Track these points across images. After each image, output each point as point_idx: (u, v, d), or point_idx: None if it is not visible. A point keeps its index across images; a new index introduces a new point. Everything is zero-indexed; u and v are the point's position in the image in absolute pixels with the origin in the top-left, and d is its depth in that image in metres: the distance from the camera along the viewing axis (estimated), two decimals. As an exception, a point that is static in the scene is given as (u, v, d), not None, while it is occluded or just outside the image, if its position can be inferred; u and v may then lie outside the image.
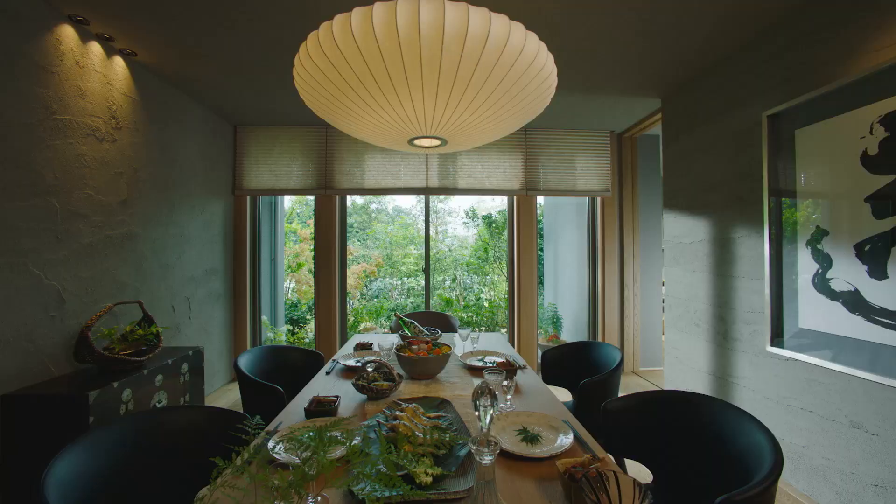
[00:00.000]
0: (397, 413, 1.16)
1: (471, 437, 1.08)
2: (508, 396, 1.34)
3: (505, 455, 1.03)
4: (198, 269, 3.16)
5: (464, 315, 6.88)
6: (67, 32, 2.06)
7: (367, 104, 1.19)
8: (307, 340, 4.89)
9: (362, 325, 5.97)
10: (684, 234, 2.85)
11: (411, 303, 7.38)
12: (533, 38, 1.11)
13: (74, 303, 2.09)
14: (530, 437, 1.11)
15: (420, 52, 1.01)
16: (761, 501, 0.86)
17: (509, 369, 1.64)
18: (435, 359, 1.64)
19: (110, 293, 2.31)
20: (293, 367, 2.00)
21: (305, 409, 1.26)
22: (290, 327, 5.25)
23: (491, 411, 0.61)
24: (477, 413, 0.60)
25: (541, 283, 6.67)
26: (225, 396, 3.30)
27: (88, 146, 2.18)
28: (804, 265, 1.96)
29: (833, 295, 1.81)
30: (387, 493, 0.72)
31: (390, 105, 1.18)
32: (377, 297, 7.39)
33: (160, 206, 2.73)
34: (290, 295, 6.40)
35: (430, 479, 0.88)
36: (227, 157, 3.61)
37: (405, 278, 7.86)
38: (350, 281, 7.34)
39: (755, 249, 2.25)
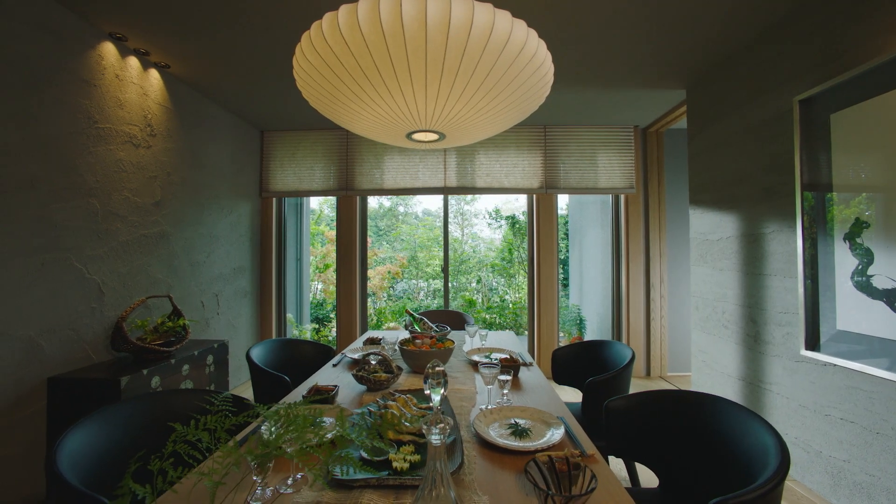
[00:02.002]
0: (389, 402, 1.18)
1: (457, 428, 1.07)
2: (505, 391, 1.32)
3: (489, 447, 1.02)
4: (226, 267, 3.34)
5: (487, 316, 6.83)
6: (108, 49, 2.26)
7: (361, 99, 1.22)
8: (330, 339, 5.03)
9: (385, 325, 6.07)
10: (711, 230, 2.69)
11: (436, 304, 7.42)
12: (521, 25, 1.09)
13: (112, 296, 2.27)
14: (520, 431, 1.08)
15: (405, 43, 1.03)
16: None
17: (512, 365, 1.61)
18: (437, 353, 1.64)
19: (145, 288, 2.49)
20: (304, 359, 2.07)
21: (304, 397, 1.30)
22: (316, 326, 5.42)
23: (442, 390, 0.60)
24: (428, 392, 0.60)
25: (566, 284, 6.52)
26: (250, 389, 3.45)
27: (126, 152, 2.37)
28: (842, 261, 1.79)
29: (875, 293, 1.65)
30: (357, 475, 0.73)
31: (382, 98, 1.20)
32: (401, 297, 7.50)
33: (191, 208, 2.91)
34: (318, 295, 6.63)
35: (406, 465, 0.88)
36: (254, 160, 3.80)
37: (431, 280, 7.92)
38: (375, 282, 7.49)
39: (787, 245, 2.09)
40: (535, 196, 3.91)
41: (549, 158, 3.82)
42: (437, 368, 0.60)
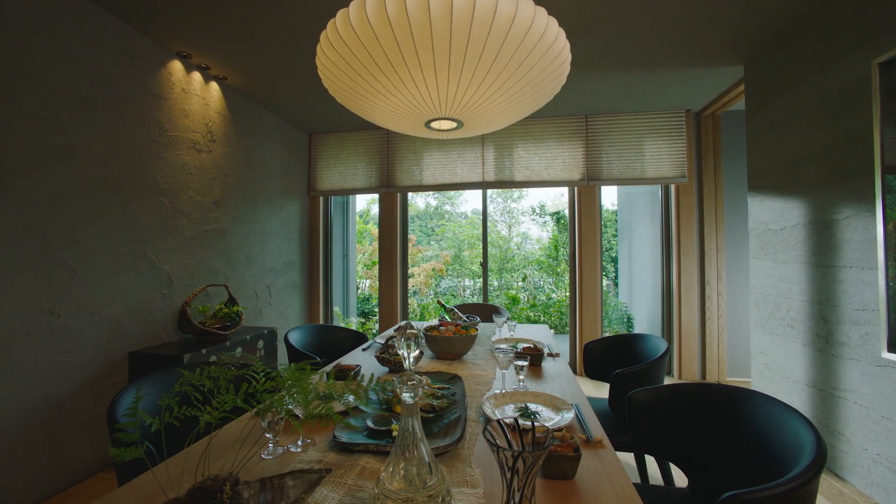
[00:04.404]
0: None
1: (464, 407, 1.08)
2: (520, 377, 1.31)
3: (493, 426, 1.02)
4: (277, 261, 3.62)
5: (531, 314, 6.71)
6: (176, 66, 2.56)
7: (376, 89, 1.28)
8: (374, 331, 5.23)
9: (429, 320, 6.19)
10: (773, 219, 2.42)
11: (480, 301, 7.42)
12: (527, 3, 1.08)
13: (179, 284, 2.57)
14: (528, 414, 1.07)
15: (411, 31, 1.06)
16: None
17: (533, 353, 1.58)
18: (458, 339, 1.66)
19: (206, 278, 2.78)
20: (338, 344, 2.20)
21: (327, 374, 1.38)
22: (362, 320, 5.67)
23: (416, 351, 0.62)
24: (401, 352, 0.62)
25: (617, 283, 6.19)
26: (300, 375, 3.70)
27: (190, 156, 2.66)
28: (934, 248, 1.53)
29: (977, 285, 1.39)
30: (358, 440, 0.77)
31: (395, 87, 1.25)
32: (445, 294, 7.61)
33: (245, 206, 3.20)
34: (365, 290, 6.95)
35: (406, 435, 0.91)
36: (302, 162, 4.08)
37: (477, 279, 7.95)
38: (420, 279, 7.67)
39: (866, 232, 1.82)
40: (576, 189, 3.77)
41: (592, 149, 3.67)
42: (410, 331, 0.62)
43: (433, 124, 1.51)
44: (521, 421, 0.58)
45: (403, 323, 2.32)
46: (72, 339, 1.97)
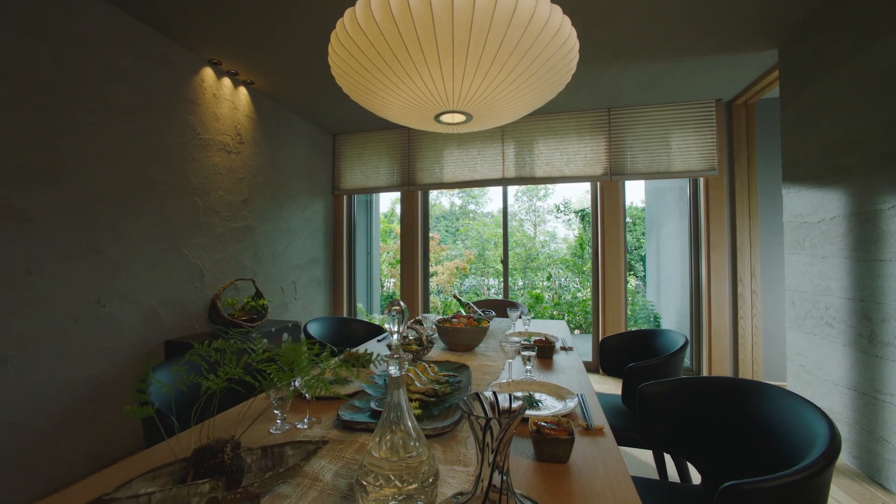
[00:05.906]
0: (410, 367, 1.25)
1: (468, 394, 1.10)
2: (528, 367, 1.30)
3: (493, 412, 1.03)
4: (302, 258, 3.75)
5: (555, 313, 6.61)
6: (208, 73, 2.72)
7: (384, 84, 1.31)
8: (396, 328, 5.32)
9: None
10: (810, 211, 2.27)
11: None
12: (530, -9, 1.08)
13: (210, 278, 2.72)
14: (531, 402, 1.07)
15: (414, 25, 1.09)
16: (787, 497, 0.68)
17: (544, 346, 1.57)
18: (469, 330, 1.67)
19: (235, 273, 2.93)
20: (355, 335, 2.26)
21: (340, 360, 1.43)
22: (385, 317, 5.78)
23: (402, 326, 0.64)
24: (387, 326, 0.65)
25: (644, 280, 6.00)
26: (324, 368, 3.82)
27: (220, 158, 2.82)
28: None
29: None
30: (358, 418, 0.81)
31: (402, 82, 1.28)
32: (468, 292, 7.63)
33: (272, 205, 3.34)
34: (390, 289, 7.08)
35: (405, 416, 0.93)
36: (327, 161, 4.21)
37: (501, 278, 7.92)
38: (444, 277, 7.71)
39: (913, 222, 1.68)
40: (598, 184, 3.68)
41: (615, 143, 3.57)
42: (395, 307, 0.65)
43: (442, 118, 1.53)
44: (500, 398, 0.59)
45: (422, 317, 2.35)
46: (115, 327, 2.14)
